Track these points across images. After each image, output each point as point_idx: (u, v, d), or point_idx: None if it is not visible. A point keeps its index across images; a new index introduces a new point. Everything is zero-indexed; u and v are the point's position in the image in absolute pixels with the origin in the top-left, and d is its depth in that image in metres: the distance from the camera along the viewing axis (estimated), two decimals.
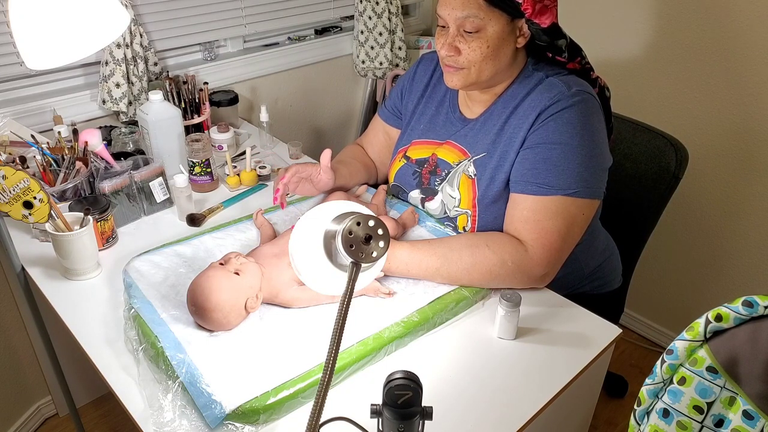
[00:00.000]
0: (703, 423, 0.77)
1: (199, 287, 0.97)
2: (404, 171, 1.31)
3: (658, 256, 2.02)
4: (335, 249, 0.69)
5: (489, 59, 1.08)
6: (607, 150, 1.14)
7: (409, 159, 1.30)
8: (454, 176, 1.20)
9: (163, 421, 0.85)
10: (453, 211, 1.21)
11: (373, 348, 0.96)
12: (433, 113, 1.29)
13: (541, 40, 1.10)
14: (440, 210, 1.24)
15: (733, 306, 0.72)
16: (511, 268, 1.07)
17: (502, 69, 1.12)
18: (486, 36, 1.06)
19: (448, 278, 1.08)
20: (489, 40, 1.06)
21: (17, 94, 1.55)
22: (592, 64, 1.19)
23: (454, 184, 1.20)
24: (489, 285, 1.09)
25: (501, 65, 1.11)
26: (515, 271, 1.07)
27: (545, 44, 1.10)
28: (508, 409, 0.91)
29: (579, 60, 1.14)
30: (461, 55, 1.08)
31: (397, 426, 0.72)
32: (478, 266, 1.07)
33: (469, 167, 1.18)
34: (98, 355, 0.99)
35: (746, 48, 1.63)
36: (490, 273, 1.07)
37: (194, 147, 1.41)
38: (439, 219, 1.26)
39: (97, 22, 0.94)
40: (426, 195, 1.27)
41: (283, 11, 1.96)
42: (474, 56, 1.08)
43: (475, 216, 1.18)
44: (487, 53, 1.07)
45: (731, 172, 1.78)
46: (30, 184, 1.09)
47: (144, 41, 1.62)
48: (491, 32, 1.06)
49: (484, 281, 1.08)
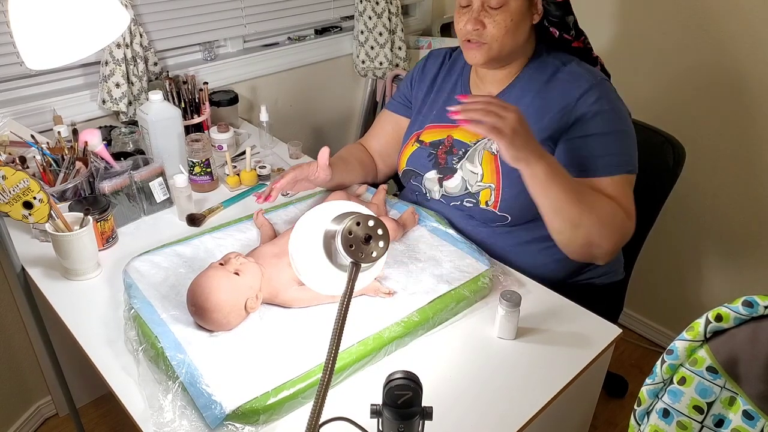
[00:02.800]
0: (703, 423, 0.77)
1: (199, 287, 0.97)
2: (418, 154, 1.33)
3: (658, 256, 2.02)
4: (335, 249, 0.69)
5: (510, 33, 1.15)
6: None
7: (422, 143, 1.33)
8: (474, 154, 1.24)
9: (163, 422, 0.85)
10: (475, 186, 1.23)
11: (373, 348, 0.96)
12: (445, 99, 1.33)
13: (553, 15, 1.17)
14: (461, 187, 1.26)
15: (733, 306, 0.72)
16: (619, 222, 1.11)
17: (519, 45, 1.19)
18: (509, 10, 1.13)
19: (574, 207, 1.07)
20: (512, 14, 1.13)
21: (17, 94, 1.55)
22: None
23: (476, 161, 1.23)
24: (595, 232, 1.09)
25: (519, 41, 1.18)
26: (620, 226, 1.11)
27: (556, 20, 1.18)
28: (508, 409, 0.91)
29: (582, 39, 1.23)
30: (486, 29, 1.14)
31: (397, 426, 0.72)
32: (598, 207, 1.09)
33: (492, 145, 1.22)
34: (98, 355, 0.99)
35: (745, 47, 1.63)
36: (607, 216, 1.09)
37: (194, 147, 1.41)
38: (459, 197, 1.26)
39: (97, 22, 0.94)
40: (444, 174, 1.29)
41: (283, 11, 1.96)
42: (498, 30, 1.14)
43: (499, 189, 1.21)
44: (510, 27, 1.14)
45: (730, 171, 1.78)
46: (30, 185, 1.09)
47: (144, 41, 1.62)
48: (514, 6, 1.13)
49: (596, 224, 1.09)
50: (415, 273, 1.13)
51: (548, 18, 1.19)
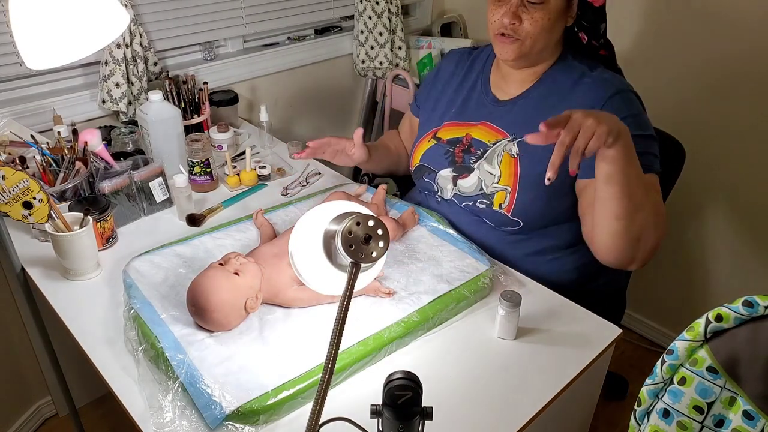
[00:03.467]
0: (704, 423, 0.77)
1: (199, 288, 0.97)
2: (434, 151, 1.32)
3: (659, 256, 2.01)
4: (335, 249, 0.69)
5: (545, 32, 1.13)
6: None
7: (439, 140, 1.32)
8: (493, 155, 1.23)
9: (163, 422, 0.85)
10: (491, 188, 1.22)
11: (373, 348, 0.96)
12: (464, 98, 1.32)
13: (587, 20, 1.15)
14: (476, 187, 1.25)
15: (734, 306, 0.72)
16: (663, 216, 1.09)
17: (551, 45, 1.18)
18: (549, 8, 1.11)
19: (639, 189, 1.02)
20: (551, 12, 1.11)
21: (17, 94, 1.55)
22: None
23: (494, 162, 1.22)
24: (650, 222, 1.05)
25: (552, 41, 1.17)
26: (664, 221, 1.09)
27: (588, 25, 1.16)
28: (508, 409, 0.91)
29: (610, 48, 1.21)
30: (522, 24, 1.13)
31: (397, 426, 0.72)
32: (652, 206, 1.06)
33: (512, 147, 1.21)
34: (98, 355, 0.99)
35: (745, 47, 1.63)
36: (657, 205, 1.08)
37: (194, 147, 1.41)
38: (473, 198, 1.25)
39: (97, 22, 0.94)
40: (459, 173, 1.28)
41: (283, 11, 1.95)
42: (534, 27, 1.12)
43: (515, 193, 1.19)
44: (546, 25, 1.12)
45: (730, 171, 1.78)
46: (30, 185, 1.09)
47: (144, 41, 1.62)
48: (553, 5, 1.11)
49: (651, 213, 1.05)
50: (415, 273, 1.13)
51: (580, 23, 1.17)
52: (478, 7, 2.31)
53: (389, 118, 2.26)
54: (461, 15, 2.37)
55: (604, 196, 1.03)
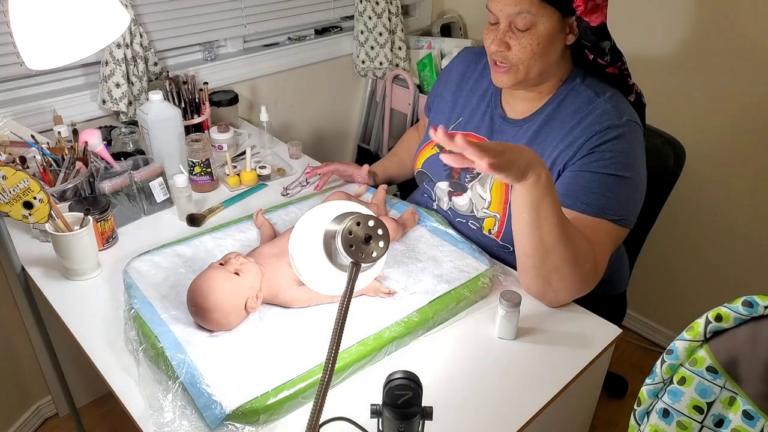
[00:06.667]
0: (703, 423, 0.77)
1: (199, 287, 0.97)
2: (435, 160, 1.30)
3: (658, 256, 2.02)
4: (335, 249, 0.69)
5: (538, 57, 1.08)
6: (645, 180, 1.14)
7: (441, 149, 1.28)
8: (486, 177, 1.19)
9: (163, 422, 0.85)
10: (481, 212, 1.20)
11: (373, 348, 0.96)
12: (474, 106, 1.28)
13: (588, 39, 1.09)
14: (468, 208, 1.23)
15: (733, 306, 0.72)
16: (587, 270, 1.04)
17: (549, 67, 1.12)
18: (537, 33, 1.06)
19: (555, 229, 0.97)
20: (539, 37, 1.06)
21: (17, 94, 1.55)
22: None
23: (487, 186, 1.19)
24: (563, 267, 1.01)
25: (549, 63, 1.11)
26: (585, 274, 1.04)
27: (590, 44, 1.09)
28: (508, 409, 0.91)
29: (619, 65, 1.14)
30: (511, 51, 1.08)
31: (397, 426, 0.72)
32: (576, 242, 1.01)
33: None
34: (98, 355, 0.99)
35: (745, 46, 1.63)
36: (580, 255, 1.01)
37: (194, 147, 1.41)
38: (465, 217, 1.25)
39: (97, 22, 0.94)
40: (455, 189, 1.26)
41: (283, 11, 1.95)
42: (523, 54, 1.08)
43: (504, 220, 1.17)
44: (536, 51, 1.07)
45: (730, 171, 1.78)
46: (30, 185, 1.09)
47: (144, 41, 1.62)
48: (542, 29, 1.06)
49: (566, 259, 1.00)
50: (415, 273, 1.13)
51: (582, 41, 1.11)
52: (478, 7, 2.31)
53: (389, 118, 2.26)
54: (461, 15, 2.37)
55: (515, 228, 1.02)
